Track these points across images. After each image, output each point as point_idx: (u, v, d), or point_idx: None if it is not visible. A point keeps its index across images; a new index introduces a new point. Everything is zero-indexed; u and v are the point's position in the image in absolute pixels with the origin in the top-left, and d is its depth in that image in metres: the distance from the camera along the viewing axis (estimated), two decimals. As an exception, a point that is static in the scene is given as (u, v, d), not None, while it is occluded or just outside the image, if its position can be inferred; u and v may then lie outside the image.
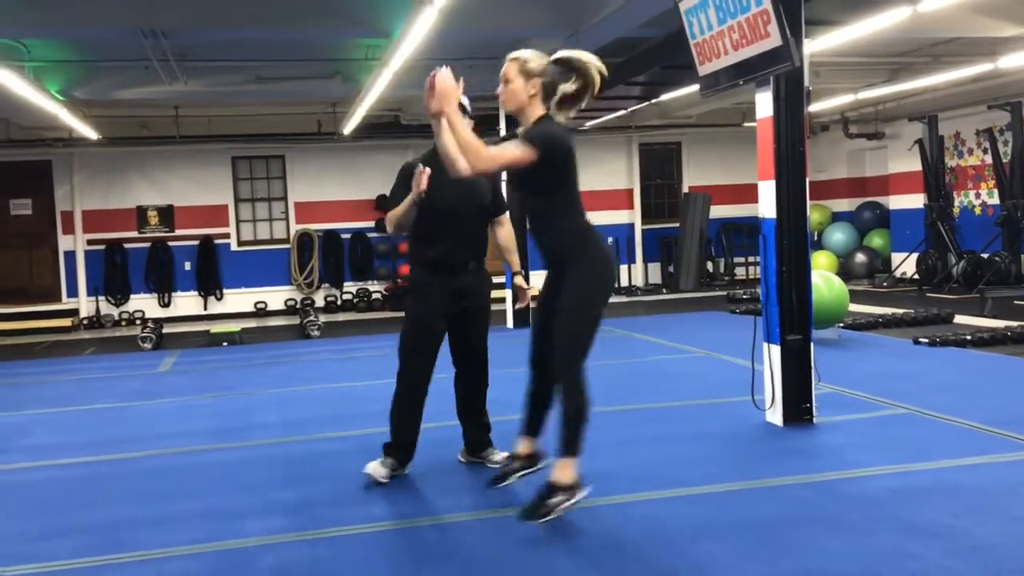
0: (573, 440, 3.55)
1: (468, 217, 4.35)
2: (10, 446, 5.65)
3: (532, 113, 3.57)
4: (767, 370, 5.34)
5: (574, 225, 3.60)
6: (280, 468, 4.79)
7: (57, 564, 3.54)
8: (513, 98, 3.57)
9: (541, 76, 3.56)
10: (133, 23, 6.85)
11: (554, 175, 3.52)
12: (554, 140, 3.47)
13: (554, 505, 3.48)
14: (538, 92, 3.55)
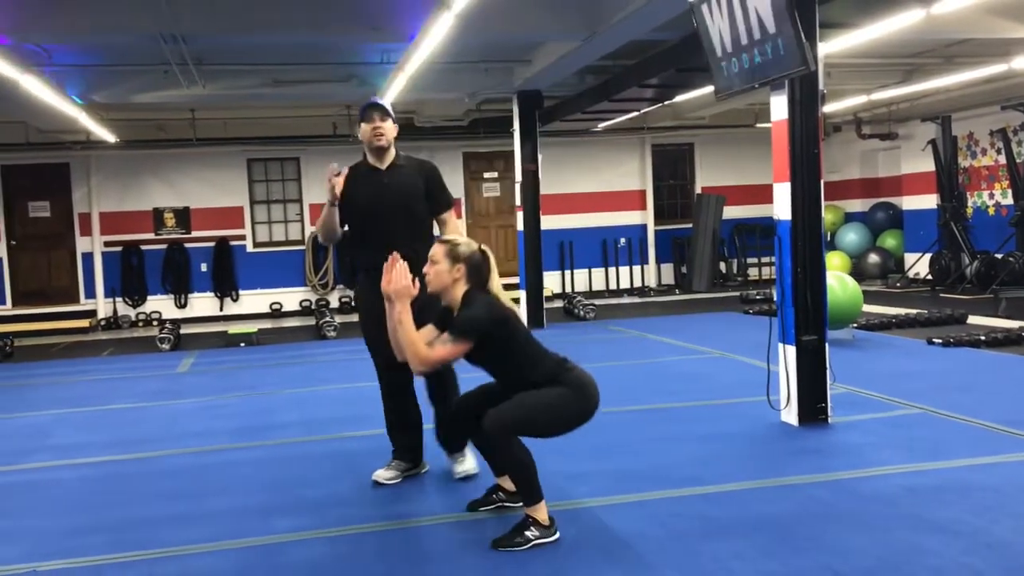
0: (528, 490, 3.55)
1: (394, 219, 4.28)
2: (36, 446, 5.74)
3: (456, 293, 3.64)
4: (782, 370, 5.39)
5: (541, 373, 3.60)
6: (303, 466, 4.87)
7: (88, 560, 3.63)
8: (438, 278, 3.64)
9: (467, 261, 3.64)
10: (155, 28, 6.95)
11: (496, 348, 3.58)
12: (481, 324, 3.51)
13: (529, 538, 3.50)
14: (462, 276, 3.63)
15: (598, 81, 10.29)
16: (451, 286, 3.64)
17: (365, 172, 4.39)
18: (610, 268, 15.07)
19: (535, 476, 3.55)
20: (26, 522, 4.18)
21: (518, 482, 3.56)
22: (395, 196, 4.31)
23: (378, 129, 4.30)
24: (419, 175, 4.42)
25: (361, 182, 4.32)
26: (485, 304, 3.58)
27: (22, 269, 13.60)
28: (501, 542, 3.53)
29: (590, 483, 4.29)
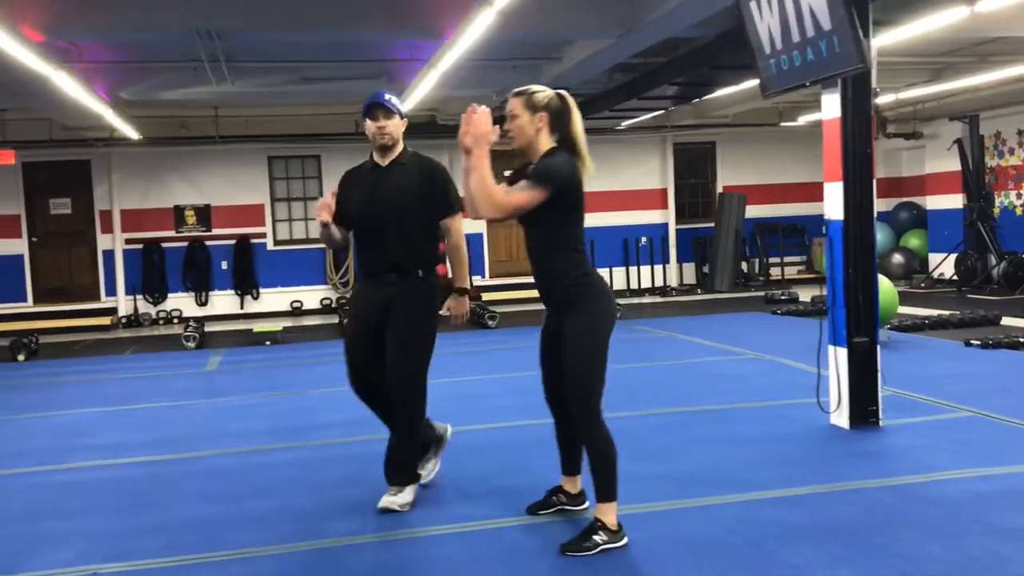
0: (605, 486, 3.50)
1: (383, 226, 4.08)
2: (76, 444, 5.71)
3: (540, 146, 3.53)
4: (833, 372, 5.31)
5: (574, 262, 3.51)
6: (349, 468, 4.82)
7: (147, 563, 3.58)
8: (521, 133, 3.52)
9: (547, 109, 3.51)
10: (191, 25, 6.90)
11: (560, 209, 3.45)
12: (563, 175, 3.40)
13: (598, 543, 3.45)
14: (544, 125, 3.51)
15: (627, 79, 10.23)
16: (535, 137, 3.51)
17: (367, 170, 4.23)
18: (631, 267, 15.00)
19: (615, 473, 3.49)
20: (77, 523, 4.14)
21: (599, 476, 3.49)
22: (386, 195, 4.09)
23: (383, 128, 4.11)
24: (417, 174, 4.16)
25: (360, 181, 4.19)
26: (569, 161, 3.47)
27: (43, 266, 13.59)
28: (569, 547, 3.47)
29: (648, 487, 4.22)
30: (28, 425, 6.38)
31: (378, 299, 4.09)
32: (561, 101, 3.54)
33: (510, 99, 3.56)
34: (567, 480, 3.94)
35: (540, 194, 3.35)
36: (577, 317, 3.49)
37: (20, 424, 6.43)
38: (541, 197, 3.35)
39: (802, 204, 15.60)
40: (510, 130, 3.54)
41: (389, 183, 4.12)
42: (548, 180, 3.36)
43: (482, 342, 9.78)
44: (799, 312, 10.97)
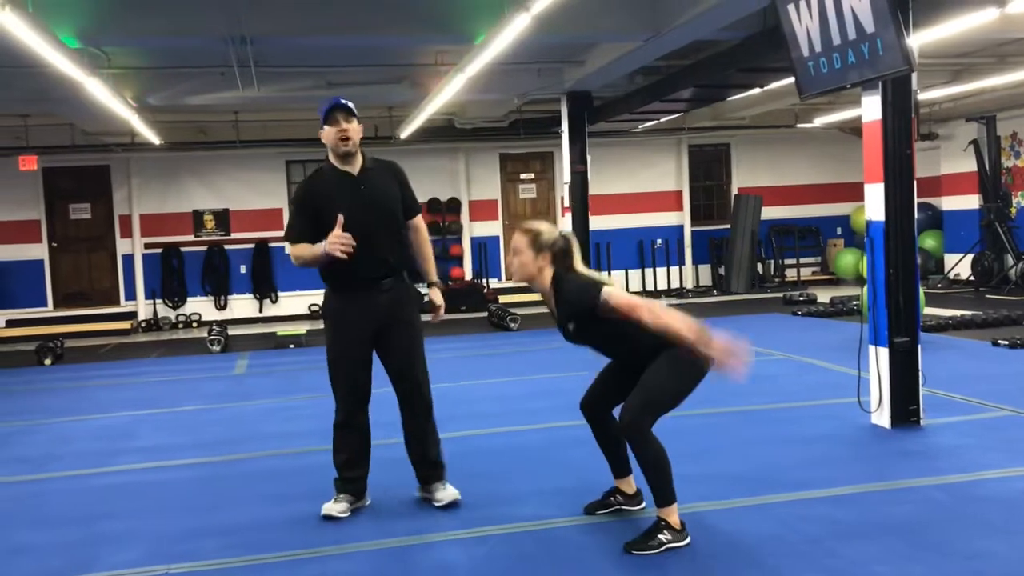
0: (662, 489, 3.52)
1: (375, 231, 3.98)
2: (122, 447, 5.75)
3: (544, 280, 3.64)
4: (874, 372, 5.35)
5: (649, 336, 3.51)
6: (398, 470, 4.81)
7: (218, 563, 3.62)
8: (522, 269, 3.64)
9: (551, 249, 3.61)
10: (225, 31, 6.96)
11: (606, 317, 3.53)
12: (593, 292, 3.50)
13: (663, 541, 3.48)
14: (547, 264, 3.62)
15: (648, 81, 10.28)
16: (537, 275, 3.64)
17: (336, 179, 4.02)
18: (647, 269, 15.05)
19: (670, 476, 3.52)
20: (136, 523, 4.18)
21: (654, 482, 3.52)
22: (375, 203, 4.02)
23: (343, 132, 3.93)
24: (393, 178, 4.14)
25: (331, 190, 3.98)
26: (580, 279, 3.57)
27: (63, 271, 13.67)
28: (634, 545, 3.50)
29: (702, 486, 4.25)
30: (67, 428, 6.42)
31: (374, 306, 4.04)
32: (565, 243, 3.64)
33: (516, 234, 3.68)
34: (621, 481, 3.97)
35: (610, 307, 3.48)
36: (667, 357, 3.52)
37: (59, 427, 6.47)
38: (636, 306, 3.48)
39: (817, 206, 15.68)
40: (511, 264, 3.67)
41: (373, 189, 4.03)
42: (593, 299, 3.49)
43: (507, 344, 9.82)
44: (820, 313, 11.00)
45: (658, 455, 3.50)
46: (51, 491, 4.83)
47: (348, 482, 4.17)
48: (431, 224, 14.43)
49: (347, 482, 4.18)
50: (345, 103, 4.02)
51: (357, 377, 4.12)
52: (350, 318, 4.07)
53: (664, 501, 3.54)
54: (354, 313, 4.07)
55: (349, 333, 4.08)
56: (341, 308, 4.10)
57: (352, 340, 4.08)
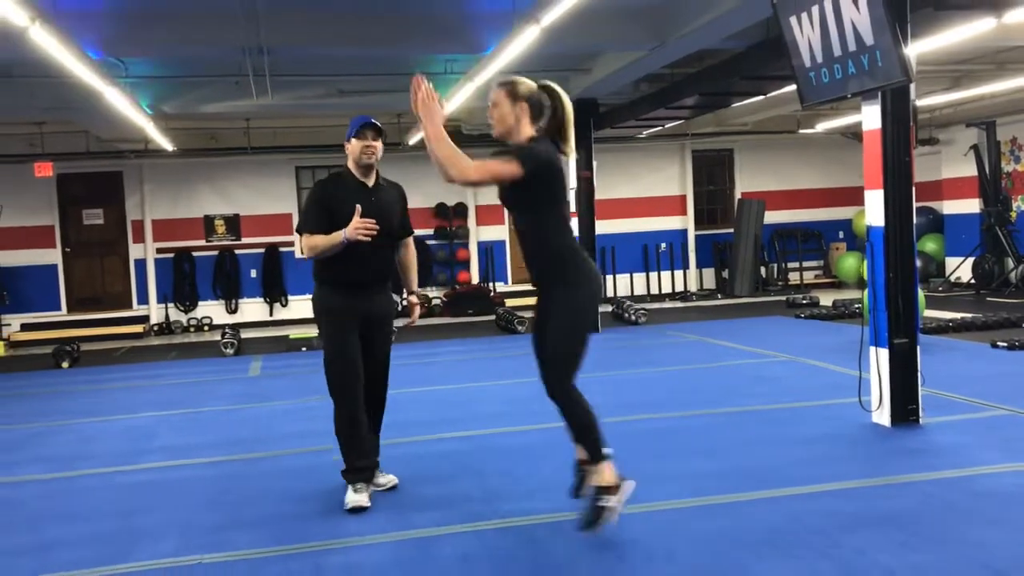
0: (592, 449, 3.62)
1: (381, 241, 4.33)
2: (146, 447, 5.93)
3: (521, 135, 3.61)
4: (874, 372, 5.52)
5: (560, 245, 3.63)
6: (419, 466, 5.02)
7: (249, 553, 3.80)
8: (502, 121, 3.61)
9: (528, 99, 3.60)
10: (243, 42, 7.15)
11: (540, 193, 3.55)
12: (540, 158, 3.50)
13: (606, 506, 3.56)
14: (525, 114, 3.59)
15: (653, 89, 10.47)
16: (516, 127, 3.58)
17: (354, 187, 4.40)
18: (651, 273, 15.23)
19: (599, 433, 3.62)
20: (167, 518, 4.35)
21: (584, 440, 3.64)
22: (381, 215, 4.35)
23: (370, 147, 4.34)
24: (399, 199, 4.58)
25: (350, 196, 4.32)
26: (549, 149, 3.55)
27: (77, 275, 13.88)
28: (587, 525, 3.58)
29: (709, 482, 4.44)
30: (90, 429, 6.61)
31: (364, 307, 4.40)
32: (544, 93, 3.64)
33: (493, 88, 3.66)
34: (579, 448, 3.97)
35: (514, 168, 3.42)
36: (562, 290, 3.63)
37: (83, 428, 6.66)
38: (511, 170, 3.43)
39: (819, 210, 15.86)
40: (491, 117, 3.64)
41: (383, 203, 4.41)
42: (525, 159, 3.44)
43: (514, 347, 9.99)
44: (822, 316, 11.17)
45: (584, 416, 3.60)
46: (82, 488, 5.01)
47: (362, 471, 4.46)
48: (439, 228, 14.63)
49: (362, 471, 4.46)
50: (375, 122, 4.42)
51: (357, 371, 4.42)
52: (346, 316, 4.39)
53: (595, 460, 3.61)
54: (349, 311, 4.40)
55: (347, 330, 4.40)
56: (337, 306, 4.40)
57: (350, 337, 4.39)
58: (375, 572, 3.55)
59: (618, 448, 5.13)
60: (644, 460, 4.94)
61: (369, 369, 4.51)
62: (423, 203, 14.17)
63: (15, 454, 5.92)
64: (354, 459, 4.45)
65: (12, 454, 5.92)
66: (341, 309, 4.39)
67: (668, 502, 4.17)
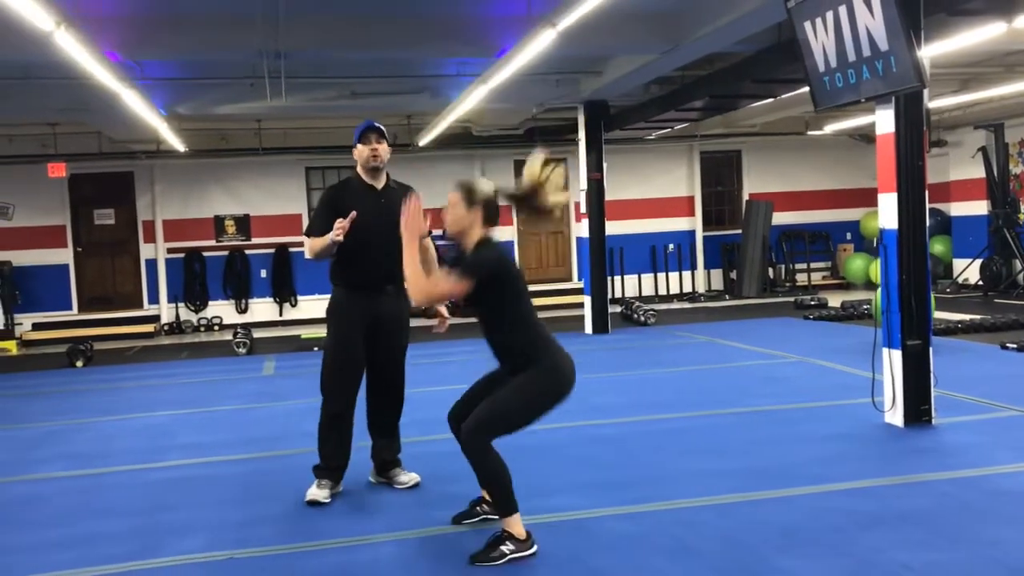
0: (503, 501, 3.61)
1: (389, 242, 4.26)
2: (166, 444, 6.01)
3: (472, 237, 3.72)
4: (887, 373, 5.58)
5: (524, 340, 3.68)
6: (440, 464, 5.07)
7: (277, 548, 3.88)
8: (456, 223, 3.72)
9: (483, 204, 3.71)
10: (260, 46, 7.23)
11: (494, 297, 3.64)
12: (489, 267, 3.61)
13: (504, 552, 3.56)
14: (478, 219, 3.70)
15: (664, 91, 10.53)
16: (468, 229, 3.71)
17: (362, 190, 4.51)
18: (659, 273, 15.30)
19: (510, 488, 3.60)
20: (194, 514, 4.44)
21: (494, 494, 3.64)
22: (392, 217, 4.29)
23: (376, 151, 4.46)
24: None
25: (357, 199, 4.43)
26: (496, 252, 3.68)
27: (88, 275, 13.97)
28: (477, 558, 3.58)
29: (727, 480, 4.51)
30: (111, 427, 6.69)
31: (374, 308, 4.49)
32: (495, 199, 3.76)
33: (452, 191, 3.77)
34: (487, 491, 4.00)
35: (465, 285, 3.56)
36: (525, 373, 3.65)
37: (103, 426, 6.74)
38: (464, 289, 3.57)
39: (827, 211, 15.91)
40: (445, 217, 3.76)
41: (391, 205, 4.42)
42: (474, 272, 3.58)
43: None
44: (831, 317, 11.23)
45: (496, 469, 3.58)
46: (108, 485, 5.09)
47: (332, 470, 4.59)
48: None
49: (331, 470, 4.58)
50: (378, 126, 4.54)
51: (354, 372, 4.55)
52: (353, 317, 4.51)
53: (505, 512, 3.62)
54: (356, 312, 4.50)
55: (351, 330, 4.51)
56: (345, 307, 4.55)
57: (353, 337, 4.51)
58: (402, 568, 3.63)
59: (633, 447, 5.25)
60: (659, 459, 5.03)
61: (382, 371, 4.63)
62: (432, 203, 14.07)
63: (37, 452, 6.00)
64: (326, 457, 4.60)
65: (34, 452, 6.00)
66: (349, 310, 4.52)
67: (685, 500, 4.24)
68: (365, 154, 4.49)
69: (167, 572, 3.69)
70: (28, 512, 4.65)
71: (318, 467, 4.63)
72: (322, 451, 4.62)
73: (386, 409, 4.72)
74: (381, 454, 4.78)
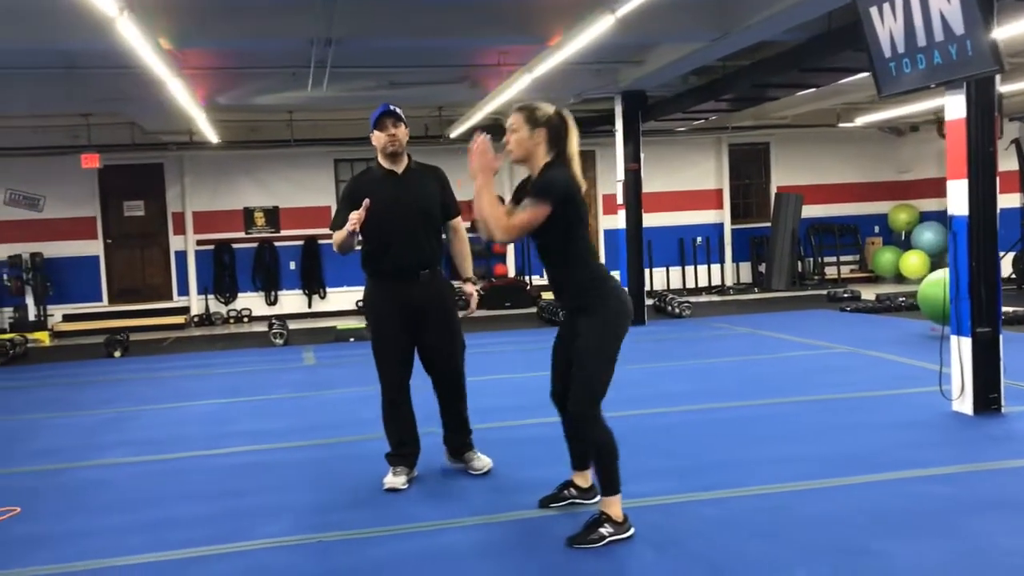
0: (608, 478, 3.60)
1: (413, 225, 4.38)
2: (228, 431, 6.01)
3: (538, 161, 3.65)
4: (956, 361, 5.54)
5: (586, 271, 3.65)
6: (510, 450, 5.04)
7: (366, 531, 3.86)
8: (519, 146, 3.64)
9: (546, 125, 3.62)
10: (313, 33, 7.21)
11: (563, 221, 3.56)
12: (562, 186, 3.53)
13: (603, 535, 3.54)
14: (543, 140, 3.62)
15: (702, 81, 10.47)
16: (533, 151, 3.63)
17: (381, 176, 4.46)
18: (687, 266, 15.25)
19: (617, 465, 3.59)
20: (273, 498, 4.42)
21: (601, 468, 3.60)
22: (414, 200, 4.40)
23: (393, 136, 4.39)
24: (435, 180, 4.57)
25: (378, 186, 4.38)
26: (565, 172, 3.59)
27: (118, 267, 13.98)
28: (576, 540, 3.57)
29: (814, 466, 4.47)
30: (166, 415, 6.68)
31: (410, 296, 4.41)
32: (560, 119, 3.66)
33: (512, 113, 3.69)
34: (577, 475, 4.03)
35: (543, 210, 3.48)
36: (589, 319, 3.61)
37: (161, 414, 6.73)
38: (544, 213, 3.49)
39: (854, 204, 15.83)
40: (508, 142, 3.67)
41: (414, 188, 4.44)
42: (549, 194, 3.50)
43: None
44: (867, 309, 11.18)
45: (609, 442, 3.57)
46: (178, 470, 5.08)
47: (402, 457, 4.57)
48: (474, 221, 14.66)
49: (402, 456, 4.57)
50: (394, 109, 4.45)
51: (396, 363, 4.51)
52: (387, 308, 4.46)
53: (609, 490, 3.60)
54: (391, 303, 4.45)
55: (387, 320, 4.47)
56: (379, 298, 4.51)
57: (389, 327, 4.47)
58: (496, 552, 3.61)
59: (701, 435, 5.21)
60: (731, 446, 5.00)
61: (433, 358, 4.56)
62: (460, 195, 14.14)
63: (99, 438, 6.00)
64: (393, 443, 4.59)
65: (96, 438, 6.00)
66: (382, 299, 4.49)
67: (766, 486, 4.21)
68: (383, 140, 4.41)
69: (260, 555, 3.67)
70: (102, 496, 4.65)
71: (389, 454, 4.61)
72: (388, 438, 4.61)
73: (446, 395, 4.67)
74: (452, 440, 4.77)
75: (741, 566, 3.32)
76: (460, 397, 4.70)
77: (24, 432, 6.31)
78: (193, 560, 3.64)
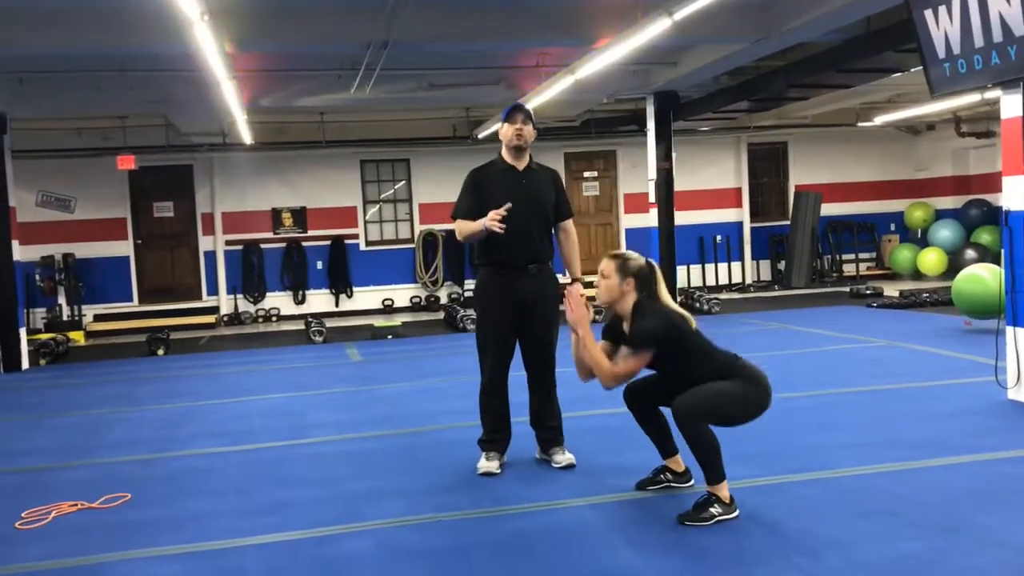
0: (714, 470, 3.79)
1: (528, 221, 4.56)
2: (301, 423, 6.18)
3: (626, 304, 3.93)
4: (1011, 350, 5.75)
5: (710, 367, 3.86)
6: (594, 437, 5.21)
7: (479, 512, 4.05)
8: (608, 292, 3.94)
9: (636, 275, 3.92)
10: (372, 36, 7.39)
11: (671, 353, 3.84)
12: (656, 334, 3.81)
13: (714, 514, 3.74)
14: (632, 289, 3.92)
15: (734, 82, 10.68)
16: (620, 298, 3.94)
17: (503, 170, 4.68)
18: (707, 264, 15.46)
19: (720, 458, 3.80)
20: (375, 484, 4.58)
21: (706, 463, 3.79)
22: (532, 197, 4.63)
23: (520, 131, 4.61)
24: (551, 181, 4.78)
25: (499, 179, 4.62)
26: (657, 314, 3.86)
27: (147, 267, 14.13)
28: (687, 517, 3.77)
29: (878, 452, 4.66)
30: (235, 409, 6.84)
31: (518, 287, 4.62)
32: (650, 269, 3.97)
33: (604, 259, 3.98)
34: (670, 460, 4.24)
35: (644, 358, 3.83)
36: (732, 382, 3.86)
37: (227, 408, 6.88)
38: (647, 359, 3.83)
39: (871, 203, 16.08)
40: (599, 284, 3.96)
41: (533, 185, 4.67)
42: (647, 343, 3.81)
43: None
44: (894, 305, 11.41)
45: (712, 443, 3.77)
46: (269, 459, 5.24)
47: (495, 443, 4.75)
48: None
49: (494, 442, 4.75)
50: (526, 108, 4.72)
51: (501, 348, 4.71)
52: (499, 296, 4.68)
53: (715, 480, 3.81)
54: (502, 292, 4.66)
55: (496, 309, 4.68)
56: (490, 289, 4.72)
57: (498, 315, 4.68)
58: (613, 527, 3.80)
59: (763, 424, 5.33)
60: (802, 433, 5.19)
61: (531, 349, 4.76)
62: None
63: (179, 430, 6.16)
64: (486, 429, 4.78)
65: (176, 430, 6.17)
66: (495, 290, 4.69)
67: (850, 469, 4.38)
68: (510, 133, 4.64)
69: (386, 532, 3.84)
70: (208, 482, 4.81)
71: (482, 440, 4.80)
72: (483, 424, 4.81)
73: (539, 386, 4.81)
74: (540, 432, 4.89)
75: (856, 541, 3.49)
76: (546, 392, 4.79)
77: (99, 426, 6.47)
78: (324, 539, 3.81)
